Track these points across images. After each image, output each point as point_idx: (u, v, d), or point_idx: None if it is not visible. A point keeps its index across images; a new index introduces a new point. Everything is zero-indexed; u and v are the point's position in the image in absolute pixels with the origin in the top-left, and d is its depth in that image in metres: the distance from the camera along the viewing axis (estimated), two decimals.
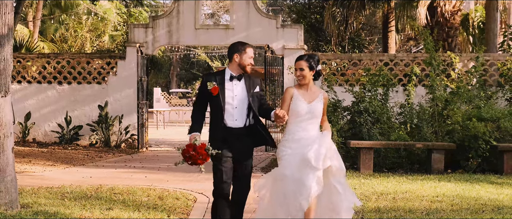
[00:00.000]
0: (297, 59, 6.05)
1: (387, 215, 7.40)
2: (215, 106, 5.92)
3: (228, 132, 5.88)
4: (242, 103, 5.91)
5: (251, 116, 5.96)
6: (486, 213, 7.53)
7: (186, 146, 5.67)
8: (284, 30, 16.72)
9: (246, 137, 5.94)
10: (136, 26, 17.42)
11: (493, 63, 15.85)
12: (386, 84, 13.00)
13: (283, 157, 5.88)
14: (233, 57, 5.98)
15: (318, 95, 6.02)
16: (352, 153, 12.13)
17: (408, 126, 12.58)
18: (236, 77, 5.95)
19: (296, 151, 5.81)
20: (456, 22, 20.27)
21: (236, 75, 5.96)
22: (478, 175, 10.98)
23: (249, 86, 5.98)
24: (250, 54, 5.98)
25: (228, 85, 5.93)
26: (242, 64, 5.95)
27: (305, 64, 5.95)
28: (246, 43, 6.06)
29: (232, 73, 5.98)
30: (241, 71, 5.98)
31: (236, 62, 5.96)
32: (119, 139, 16.53)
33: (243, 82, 5.97)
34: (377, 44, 33.12)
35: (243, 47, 5.99)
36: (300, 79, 5.99)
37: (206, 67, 46.89)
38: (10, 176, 7.38)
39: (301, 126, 5.93)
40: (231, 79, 5.95)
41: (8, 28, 7.44)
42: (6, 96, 7.42)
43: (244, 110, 5.92)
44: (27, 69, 17.28)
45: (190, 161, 5.62)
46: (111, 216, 7.18)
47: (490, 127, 11.66)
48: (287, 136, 5.96)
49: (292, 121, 5.96)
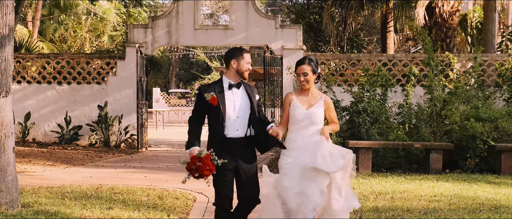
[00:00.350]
0: (299, 63, 5.84)
1: (385, 215, 7.46)
2: (215, 118, 5.62)
3: (229, 143, 5.59)
4: (244, 112, 5.65)
5: (251, 126, 5.69)
6: (483, 213, 7.59)
7: (191, 157, 5.37)
8: (283, 31, 16.77)
9: (247, 147, 5.68)
10: (136, 26, 17.48)
11: (491, 63, 15.92)
12: (385, 84, 13.06)
13: (284, 166, 5.73)
14: (230, 63, 5.70)
15: (319, 100, 5.84)
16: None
17: (407, 126, 12.64)
18: (235, 86, 5.68)
19: (297, 160, 5.66)
20: (454, 23, 20.32)
21: (235, 83, 5.69)
22: (476, 175, 11.05)
23: (249, 94, 5.72)
24: (248, 59, 5.72)
25: (227, 95, 5.65)
26: (240, 70, 5.68)
27: (309, 68, 5.77)
28: (243, 48, 5.82)
29: (230, 82, 5.69)
30: (239, 78, 5.72)
31: (234, 69, 5.68)
32: (119, 139, 16.59)
33: (242, 90, 5.72)
34: (375, 45, 33.18)
35: (240, 52, 5.72)
36: (304, 84, 5.80)
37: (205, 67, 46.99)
38: (11, 176, 7.43)
39: (300, 133, 5.77)
40: (230, 88, 5.67)
41: (9, 28, 7.49)
42: (7, 96, 7.47)
43: (246, 119, 5.66)
44: (27, 69, 17.32)
45: (197, 173, 5.29)
46: (112, 216, 7.24)
47: (488, 127, 11.72)
48: (287, 144, 5.79)
49: (292, 128, 5.82)
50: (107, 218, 7.15)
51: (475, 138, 11.53)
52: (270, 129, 5.62)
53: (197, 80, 44.77)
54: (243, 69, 5.68)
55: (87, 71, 17.14)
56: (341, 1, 21.63)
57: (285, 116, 5.87)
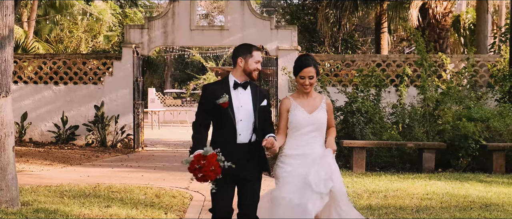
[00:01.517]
0: (303, 65, 5.20)
1: (378, 212, 7.60)
2: (220, 121, 5.11)
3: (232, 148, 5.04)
4: (248, 115, 5.09)
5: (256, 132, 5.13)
6: (474, 210, 7.75)
7: (194, 156, 4.78)
8: (278, 31, 16.91)
9: (251, 154, 5.10)
10: (132, 27, 17.58)
11: (483, 64, 16.10)
12: (379, 85, 13.21)
13: (281, 175, 5.18)
14: (237, 61, 5.16)
15: (320, 104, 5.32)
16: (345, 152, 12.32)
17: (400, 125, 12.80)
18: (241, 85, 5.14)
19: (297, 170, 5.13)
20: (447, 24, 20.51)
21: (241, 83, 5.15)
22: (468, 174, 11.21)
23: (256, 97, 5.16)
24: (257, 58, 5.16)
25: (232, 95, 5.11)
26: (248, 69, 5.13)
27: (314, 70, 5.21)
28: (252, 45, 5.23)
29: (236, 80, 5.15)
30: (246, 78, 5.16)
31: (241, 67, 5.14)
32: (115, 138, 16.70)
33: (249, 92, 5.16)
34: (370, 45, 33.35)
35: (248, 50, 5.16)
36: (307, 88, 5.24)
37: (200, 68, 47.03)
38: (11, 174, 7.54)
39: (302, 140, 5.23)
40: (235, 88, 5.13)
41: (9, 29, 7.61)
42: (7, 96, 7.59)
43: (250, 123, 5.10)
44: (24, 69, 17.41)
45: (200, 173, 4.69)
46: (110, 214, 7.35)
47: (480, 126, 11.88)
48: (287, 151, 5.26)
49: (292, 134, 5.27)
50: (105, 216, 7.27)
51: (467, 137, 11.69)
52: (265, 140, 4.98)
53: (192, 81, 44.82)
54: (250, 69, 5.15)
55: (83, 72, 17.24)
56: (335, 2, 21.80)
57: (283, 124, 5.31)
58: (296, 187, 5.05)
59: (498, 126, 11.98)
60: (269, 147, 4.91)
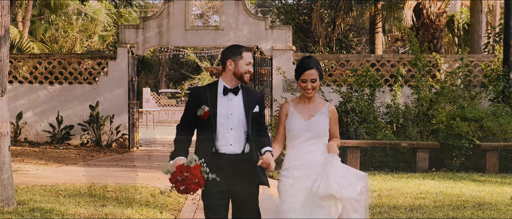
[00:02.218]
0: (305, 68, 4.79)
1: (372, 212, 7.63)
2: (204, 128, 4.70)
3: (221, 160, 4.64)
4: (240, 123, 4.68)
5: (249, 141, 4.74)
6: (467, 209, 7.81)
7: (177, 167, 4.45)
8: (273, 31, 16.96)
9: (245, 165, 4.68)
10: (127, 27, 17.59)
11: (477, 64, 16.17)
12: (373, 84, 13.27)
13: (284, 188, 4.79)
14: (227, 64, 4.72)
15: (321, 109, 4.90)
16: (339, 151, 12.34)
17: (394, 125, 12.87)
18: (232, 91, 4.71)
19: (300, 182, 4.75)
20: (441, 24, 20.60)
21: (232, 88, 4.71)
22: (461, 173, 11.27)
23: (248, 102, 4.73)
24: (248, 59, 4.71)
25: (221, 101, 4.69)
26: (238, 72, 4.69)
27: (317, 73, 4.80)
28: (241, 46, 4.79)
29: (225, 86, 4.71)
30: (237, 82, 4.72)
31: (231, 71, 4.70)
32: (110, 138, 16.71)
33: (240, 97, 4.73)
34: (364, 45, 33.42)
35: (238, 51, 4.72)
36: (309, 92, 4.83)
37: (195, 67, 47.05)
38: (7, 174, 7.57)
39: (301, 148, 4.83)
40: (225, 93, 4.70)
41: (5, 29, 7.64)
42: (3, 96, 7.62)
43: (243, 132, 4.69)
44: (18, 69, 17.40)
45: (183, 186, 4.40)
46: (105, 213, 7.39)
47: (474, 126, 11.95)
48: (287, 163, 4.85)
49: (291, 144, 4.88)
50: (100, 215, 7.30)
51: (461, 137, 11.76)
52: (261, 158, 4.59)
53: (187, 80, 44.85)
54: (241, 71, 4.69)
55: (78, 72, 17.24)
56: (330, 2, 21.89)
57: (280, 130, 4.94)
58: (301, 202, 4.70)
59: (492, 125, 12.05)
60: (265, 166, 4.57)
